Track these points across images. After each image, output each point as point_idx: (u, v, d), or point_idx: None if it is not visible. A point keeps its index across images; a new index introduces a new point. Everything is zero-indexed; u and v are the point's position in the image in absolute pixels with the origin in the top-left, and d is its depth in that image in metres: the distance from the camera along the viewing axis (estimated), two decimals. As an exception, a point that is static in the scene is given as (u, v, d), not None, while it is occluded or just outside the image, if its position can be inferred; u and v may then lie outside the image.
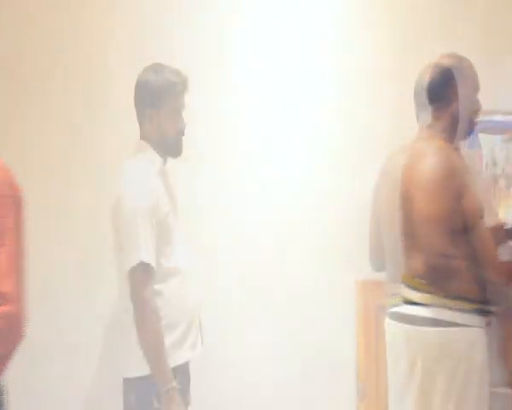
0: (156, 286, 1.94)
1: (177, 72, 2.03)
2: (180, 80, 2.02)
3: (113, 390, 2.06)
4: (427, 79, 2.05)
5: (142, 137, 2.07)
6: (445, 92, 2.05)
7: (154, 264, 1.90)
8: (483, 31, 2.72)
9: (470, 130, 2.14)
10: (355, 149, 2.62)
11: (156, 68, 2.03)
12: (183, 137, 2.09)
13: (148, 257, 1.88)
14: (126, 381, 1.97)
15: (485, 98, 2.68)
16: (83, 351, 2.40)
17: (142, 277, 1.88)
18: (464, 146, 2.58)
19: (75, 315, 2.40)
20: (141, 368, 1.91)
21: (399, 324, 1.96)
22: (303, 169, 2.61)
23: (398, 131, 2.45)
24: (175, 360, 1.96)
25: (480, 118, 2.64)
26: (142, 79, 2.04)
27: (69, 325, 2.40)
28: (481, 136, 2.67)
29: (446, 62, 2.06)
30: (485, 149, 2.70)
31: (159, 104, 2.01)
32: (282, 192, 2.59)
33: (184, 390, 2.04)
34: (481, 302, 1.89)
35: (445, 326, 1.87)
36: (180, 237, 2.07)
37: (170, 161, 2.12)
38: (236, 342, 2.56)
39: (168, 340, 1.94)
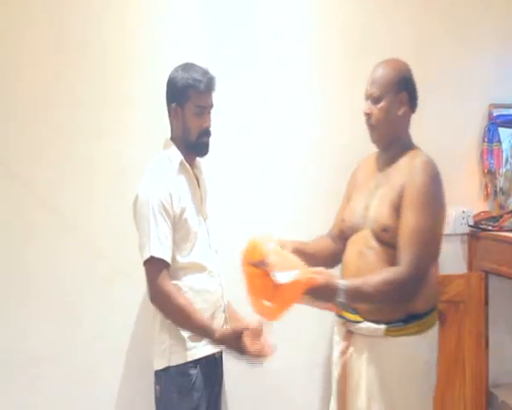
0: (173, 282, 1.96)
1: (204, 71, 2.05)
2: (204, 79, 2.03)
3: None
4: None
5: (171, 134, 2.10)
6: None
7: (167, 258, 1.92)
8: (499, 28, 2.67)
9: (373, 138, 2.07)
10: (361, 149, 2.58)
11: (185, 67, 2.05)
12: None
13: (159, 252, 1.91)
14: (155, 373, 2.03)
15: (504, 92, 2.66)
16: (115, 341, 2.40)
17: (154, 270, 1.92)
18: (485, 140, 2.56)
19: (105, 311, 2.39)
20: (160, 361, 1.97)
21: None
22: (305, 167, 2.55)
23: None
24: (192, 353, 1.97)
25: (500, 112, 2.63)
26: (171, 75, 2.06)
27: (100, 319, 2.40)
28: (501, 130, 2.62)
29: None
30: (505, 144, 2.66)
31: (183, 101, 2.03)
32: (287, 191, 2.55)
33: (212, 385, 2.06)
34: None
35: None
36: (202, 233, 2.06)
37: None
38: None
39: (186, 333, 1.97)
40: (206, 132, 2.07)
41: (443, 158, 2.55)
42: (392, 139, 2.05)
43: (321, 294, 1.80)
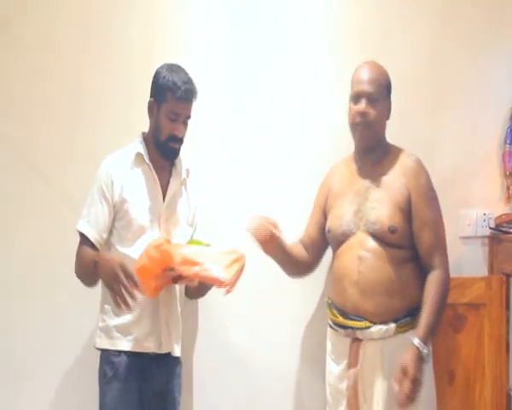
0: None
1: (186, 79, 2.06)
2: (183, 88, 2.03)
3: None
4: None
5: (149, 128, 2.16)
6: None
7: (91, 238, 2.04)
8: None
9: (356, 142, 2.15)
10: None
11: (171, 67, 2.09)
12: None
13: (85, 229, 2.06)
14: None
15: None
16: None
17: (79, 242, 2.09)
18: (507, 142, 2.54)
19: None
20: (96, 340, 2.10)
21: None
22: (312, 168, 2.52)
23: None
24: (114, 343, 2.05)
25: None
26: (157, 70, 2.11)
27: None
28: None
29: None
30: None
31: (160, 100, 2.07)
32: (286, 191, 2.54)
33: (148, 382, 2.07)
34: None
35: None
36: (154, 232, 2.08)
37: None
38: (236, 334, 2.51)
39: (115, 322, 2.05)
40: (176, 139, 2.09)
41: (464, 160, 2.56)
42: (377, 141, 2.11)
43: (418, 367, 1.86)
